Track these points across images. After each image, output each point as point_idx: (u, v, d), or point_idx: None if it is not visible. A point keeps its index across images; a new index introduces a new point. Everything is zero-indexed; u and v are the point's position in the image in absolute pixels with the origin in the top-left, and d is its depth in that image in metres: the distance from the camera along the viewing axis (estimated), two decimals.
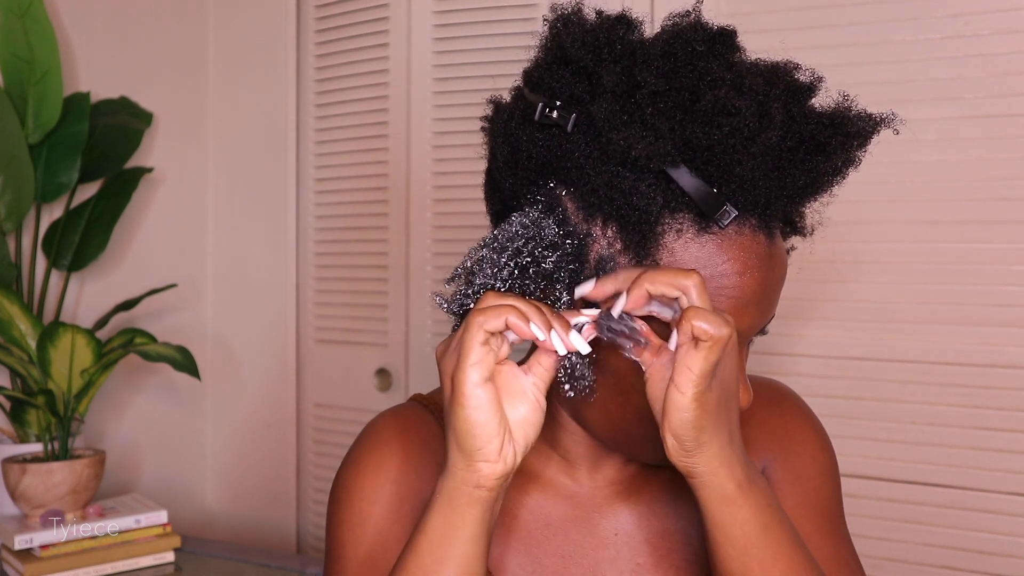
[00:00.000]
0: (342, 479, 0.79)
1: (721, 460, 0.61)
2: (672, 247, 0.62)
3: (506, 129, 0.68)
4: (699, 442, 0.59)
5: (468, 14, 1.84)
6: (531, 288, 0.64)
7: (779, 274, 0.66)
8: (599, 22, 0.66)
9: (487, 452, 0.61)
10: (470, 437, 0.60)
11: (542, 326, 0.60)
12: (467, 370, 0.59)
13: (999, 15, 1.42)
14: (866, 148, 0.64)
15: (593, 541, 0.77)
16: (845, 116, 0.63)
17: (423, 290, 1.89)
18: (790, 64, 0.65)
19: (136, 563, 1.56)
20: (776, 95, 0.62)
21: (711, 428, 0.60)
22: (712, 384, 0.59)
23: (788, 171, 0.62)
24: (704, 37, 0.63)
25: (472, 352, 0.59)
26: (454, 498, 0.62)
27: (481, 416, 0.60)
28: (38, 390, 1.58)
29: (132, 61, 2.00)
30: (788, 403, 0.82)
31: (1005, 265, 1.43)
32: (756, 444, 0.79)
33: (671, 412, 0.59)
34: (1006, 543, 1.43)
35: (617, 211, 0.63)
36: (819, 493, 0.78)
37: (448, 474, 0.63)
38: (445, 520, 0.63)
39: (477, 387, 0.60)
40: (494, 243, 0.65)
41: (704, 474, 0.61)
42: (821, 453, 0.80)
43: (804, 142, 0.62)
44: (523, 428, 0.62)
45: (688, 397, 0.58)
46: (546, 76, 0.66)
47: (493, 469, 0.61)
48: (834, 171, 0.63)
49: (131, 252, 2.00)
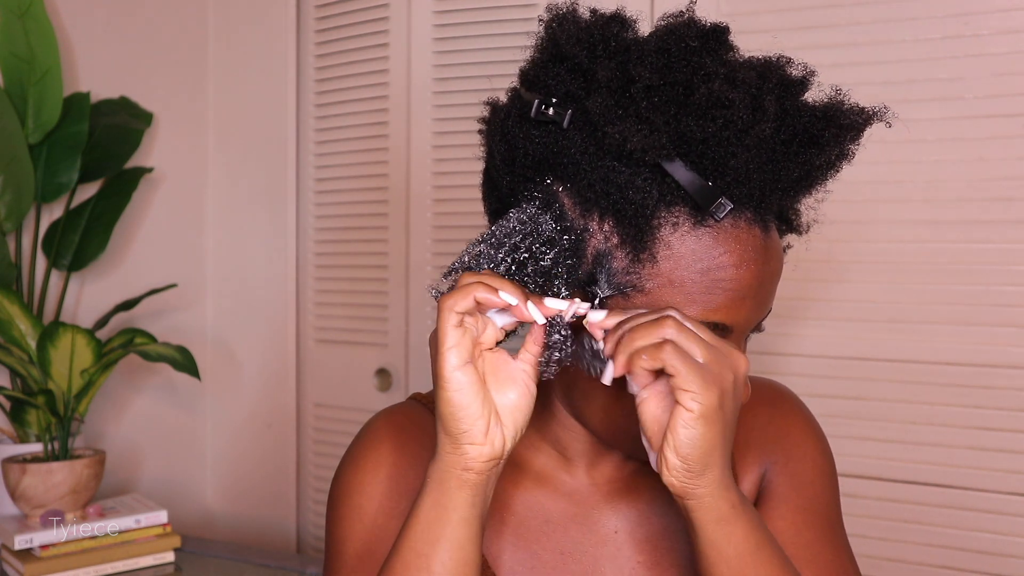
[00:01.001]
0: (340, 476, 0.80)
1: (720, 482, 0.61)
2: (668, 240, 0.63)
3: (503, 128, 0.68)
4: (705, 464, 0.60)
5: (468, 14, 1.84)
6: (529, 284, 0.65)
7: (775, 267, 0.67)
8: (594, 20, 0.67)
9: (472, 434, 0.62)
10: (453, 420, 0.62)
11: (513, 293, 0.61)
12: (445, 354, 0.61)
13: (999, 15, 1.42)
14: (859, 141, 0.65)
15: (592, 538, 0.77)
16: (838, 109, 0.64)
17: (423, 290, 1.89)
18: (782, 58, 0.66)
19: (136, 563, 1.56)
20: (769, 88, 0.62)
21: (719, 450, 0.60)
22: (724, 403, 0.59)
23: (782, 164, 0.62)
24: (697, 33, 0.63)
25: (447, 336, 0.61)
26: (444, 481, 0.63)
27: (463, 398, 0.61)
28: (38, 390, 1.58)
29: (132, 61, 2.00)
30: (788, 405, 0.82)
31: (1005, 265, 1.43)
32: (757, 446, 0.79)
33: (679, 430, 0.58)
34: (1006, 543, 1.43)
35: (613, 205, 0.63)
36: (819, 499, 0.78)
37: (437, 458, 0.64)
38: (436, 503, 0.64)
39: (456, 370, 0.61)
40: (491, 238, 0.65)
41: (704, 496, 0.61)
42: (821, 457, 0.80)
43: (798, 135, 0.62)
44: (512, 414, 0.63)
45: (696, 415, 0.58)
46: (542, 74, 0.67)
47: (480, 451, 0.62)
48: (828, 164, 0.64)
49: (131, 252, 2.00)
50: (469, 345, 0.61)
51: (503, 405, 0.63)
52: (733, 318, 0.64)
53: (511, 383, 0.64)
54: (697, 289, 0.63)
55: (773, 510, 0.76)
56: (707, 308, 0.63)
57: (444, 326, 0.61)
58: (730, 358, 0.60)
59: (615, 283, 0.64)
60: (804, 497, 0.77)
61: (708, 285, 0.63)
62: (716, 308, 0.63)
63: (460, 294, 0.61)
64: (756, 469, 0.79)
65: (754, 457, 0.79)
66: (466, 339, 0.61)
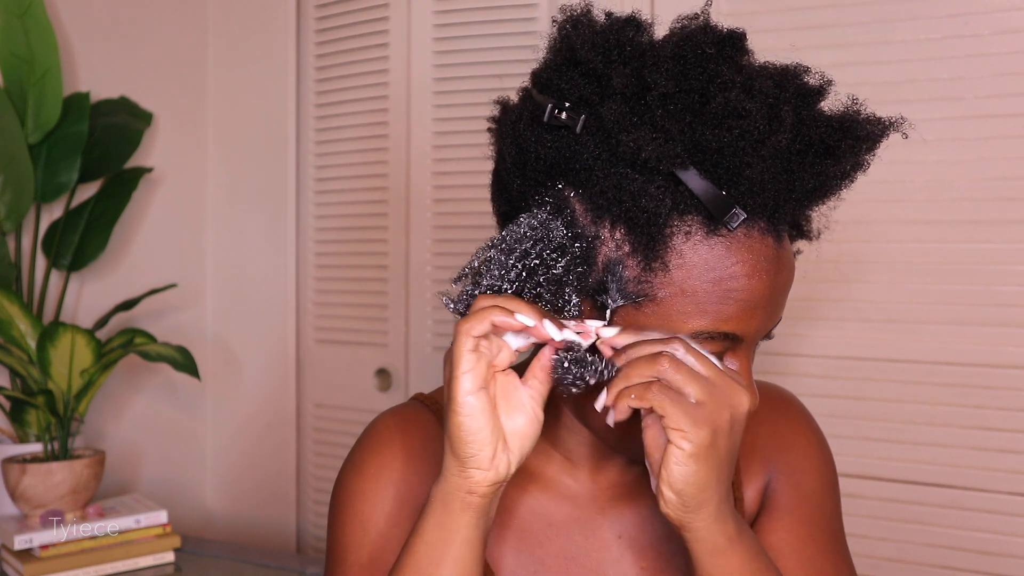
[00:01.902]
0: (343, 481, 0.79)
1: (716, 516, 0.62)
2: (681, 249, 0.62)
3: (514, 130, 0.67)
4: (700, 500, 0.60)
5: (468, 14, 1.84)
6: (539, 290, 0.64)
7: (787, 277, 0.66)
8: (609, 24, 0.66)
9: (480, 459, 0.62)
10: (463, 444, 0.62)
11: (530, 314, 0.61)
12: (460, 378, 0.61)
13: (999, 15, 1.42)
14: (875, 152, 0.64)
15: (596, 543, 0.77)
16: (854, 119, 0.63)
17: (423, 290, 1.89)
18: (800, 67, 0.65)
19: (136, 563, 1.56)
20: (786, 98, 0.62)
21: (714, 486, 0.60)
22: (717, 441, 0.59)
23: (797, 174, 0.62)
24: (714, 40, 0.63)
25: (463, 360, 0.61)
26: (448, 503, 0.64)
27: (475, 423, 0.61)
28: (38, 390, 1.58)
29: (132, 61, 2.00)
30: (794, 413, 0.82)
31: (1005, 265, 1.43)
32: (762, 454, 0.79)
33: (673, 467, 0.59)
34: (1006, 543, 1.43)
35: (625, 213, 0.63)
36: (823, 511, 0.78)
37: (443, 479, 0.64)
38: (440, 524, 0.64)
39: (470, 395, 0.61)
40: (502, 244, 0.64)
41: (699, 528, 0.62)
42: (826, 468, 0.80)
43: (813, 145, 0.62)
44: (519, 440, 0.64)
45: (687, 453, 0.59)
46: (555, 77, 0.66)
47: (485, 476, 0.63)
48: (843, 174, 0.63)
49: (131, 252, 2.00)
50: (484, 370, 0.61)
51: (511, 431, 0.63)
52: (744, 328, 0.64)
53: (520, 409, 0.64)
54: (709, 299, 0.62)
55: (777, 521, 0.76)
56: (718, 318, 0.63)
57: (460, 350, 0.61)
58: (730, 395, 0.60)
59: (626, 292, 0.63)
60: (808, 509, 0.77)
61: (720, 295, 0.62)
62: (727, 318, 0.63)
63: (477, 318, 0.61)
64: (761, 477, 0.79)
65: (759, 465, 0.79)
66: (481, 364, 0.61)
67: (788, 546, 0.75)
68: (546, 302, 0.65)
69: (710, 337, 0.63)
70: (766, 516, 0.77)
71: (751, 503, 0.79)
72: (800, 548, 0.75)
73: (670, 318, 0.63)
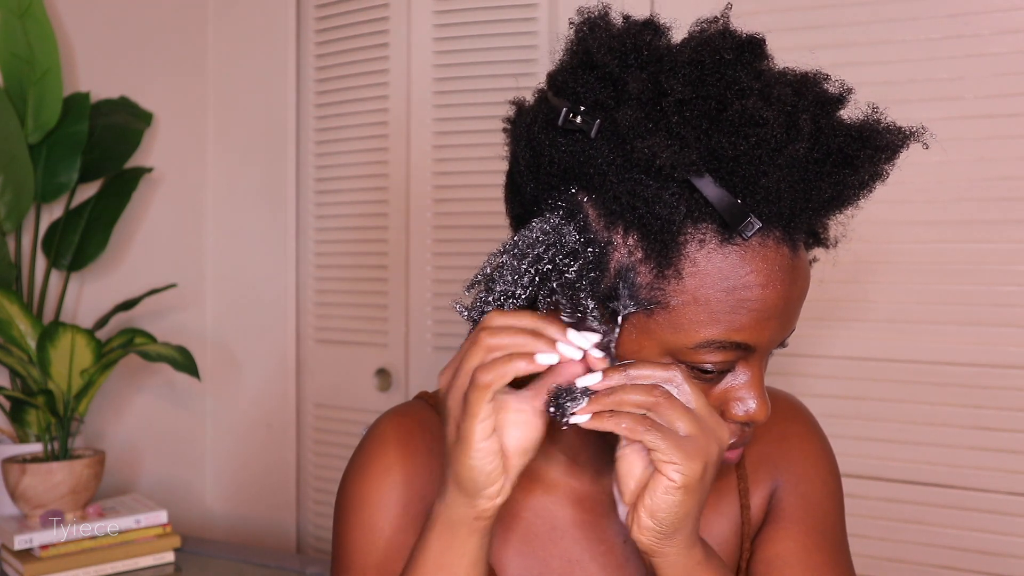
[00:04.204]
0: (348, 484, 0.79)
1: (688, 543, 0.62)
2: (694, 257, 0.61)
3: (529, 133, 0.66)
4: (676, 528, 0.61)
5: (468, 14, 1.84)
6: (552, 296, 0.64)
7: (802, 287, 0.66)
8: (626, 27, 0.65)
9: (488, 492, 0.63)
10: (472, 483, 0.62)
11: (548, 349, 0.60)
12: (475, 427, 0.60)
13: (999, 15, 1.43)
14: (894, 162, 0.64)
15: (601, 547, 0.77)
16: (874, 129, 0.62)
17: (423, 290, 1.89)
18: (819, 74, 0.64)
19: (136, 563, 1.56)
20: (804, 106, 0.61)
21: (693, 515, 0.61)
22: (707, 474, 0.60)
23: (814, 183, 0.60)
24: (732, 45, 0.62)
25: (480, 411, 0.60)
26: (454, 528, 0.64)
27: (487, 466, 0.61)
28: (38, 390, 1.58)
29: (132, 61, 1.99)
30: (802, 422, 0.82)
31: (1005, 265, 1.43)
32: (769, 462, 0.79)
33: (660, 496, 0.60)
34: (1006, 543, 1.43)
35: (639, 219, 0.62)
36: (828, 521, 0.78)
37: (446, 506, 0.64)
38: (447, 547, 0.65)
39: (484, 441, 0.61)
40: (514, 249, 0.64)
41: (670, 554, 0.62)
42: (831, 477, 0.81)
43: (832, 154, 0.61)
44: (519, 456, 0.63)
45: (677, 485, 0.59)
46: (571, 81, 0.65)
47: (492, 503, 0.63)
48: (861, 184, 0.62)
49: (131, 252, 2.00)
50: (496, 415, 0.61)
51: (511, 449, 0.63)
52: (757, 338, 0.63)
53: (516, 425, 0.63)
54: (722, 308, 0.61)
55: (783, 530, 0.76)
56: (731, 328, 0.62)
57: (479, 404, 0.60)
58: (715, 429, 0.61)
59: (638, 298, 0.62)
60: (814, 519, 0.77)
61: (733, 304, 0.61)
62: (740, 328, 0.62)
63: (498, 375, 0.59)
64: (767, 485, 0.79)
65: (766, 473, 0.79)
66: (495, 412, 0.61)
67: (794, 556, 0.75)
68: (563, 308, 0.64)
69: (722, 347, 0.62)
70: (772, 525, 0.77)
71: (757, 511, 0.79)
72: (806, 558, 0.75)
73: (682, 326, 0.62)
